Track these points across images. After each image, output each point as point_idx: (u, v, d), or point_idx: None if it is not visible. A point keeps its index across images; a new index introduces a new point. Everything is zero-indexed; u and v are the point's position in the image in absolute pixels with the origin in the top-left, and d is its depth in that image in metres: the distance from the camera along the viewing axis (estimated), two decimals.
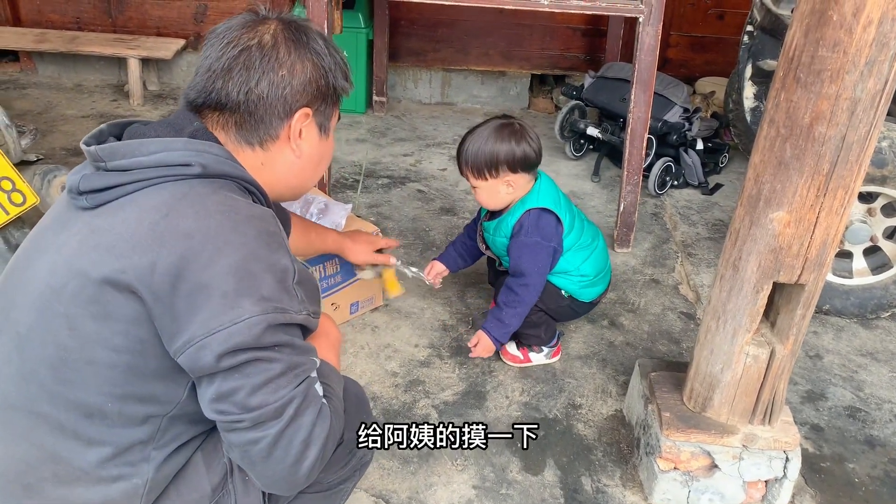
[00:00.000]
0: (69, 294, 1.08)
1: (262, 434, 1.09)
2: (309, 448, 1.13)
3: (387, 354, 2.34)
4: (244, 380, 1.07)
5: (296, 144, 1.26)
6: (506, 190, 2.12)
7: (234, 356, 1.05)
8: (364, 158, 3.60)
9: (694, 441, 1.82)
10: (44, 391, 1.12)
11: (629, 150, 2.77)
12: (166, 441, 1.19)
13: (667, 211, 3.33)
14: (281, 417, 1.09)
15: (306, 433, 1.12)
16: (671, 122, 3.27)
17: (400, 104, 4.33)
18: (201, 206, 1.10)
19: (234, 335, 1.04)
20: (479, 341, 2.20)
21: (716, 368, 1.79)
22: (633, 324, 2.56)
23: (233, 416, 1.08)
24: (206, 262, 1.05)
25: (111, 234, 1.08)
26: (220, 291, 1.05)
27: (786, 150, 1.51)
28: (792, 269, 1.62)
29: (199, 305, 1.04)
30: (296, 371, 1.12)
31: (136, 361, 1.10)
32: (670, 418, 1.84)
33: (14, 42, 4.08)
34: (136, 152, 1.12)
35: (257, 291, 1.07)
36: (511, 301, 2.16)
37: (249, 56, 1.19)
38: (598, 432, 2.10)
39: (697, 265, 2.92)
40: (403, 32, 4.21)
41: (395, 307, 2.56)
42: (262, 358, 1.08)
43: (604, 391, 2.25)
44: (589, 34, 4.21)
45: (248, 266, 1.07)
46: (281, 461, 1.11)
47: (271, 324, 1.08)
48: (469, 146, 2.09)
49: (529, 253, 2.13)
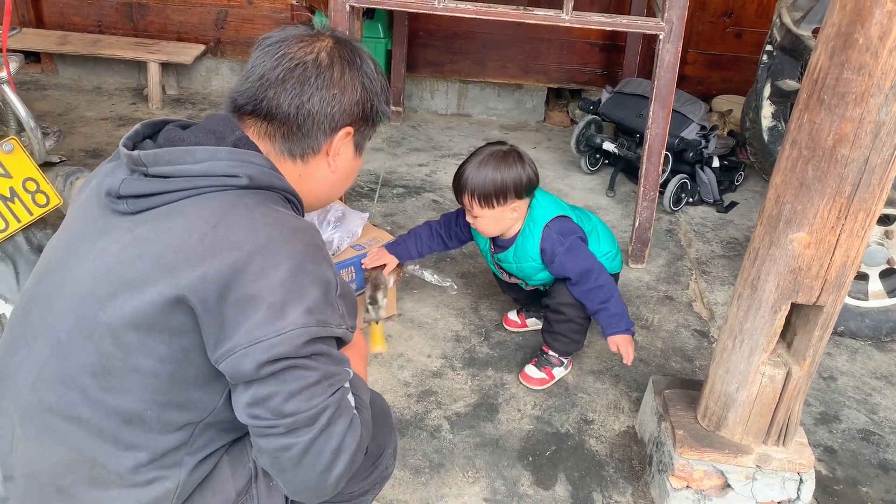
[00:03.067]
0: (114, 304, 1.09)
1: (295, 441, 1.10)
2: (339, 457, 1.14)
3: (399, 364, 2.34)
4: (280, 386, 1.09)
5: (332, 160, 1.29)
6: (510, 216, 2.13)
7: (273, 364, 1.07)
8: (381, 167, 3.61)
9: (707, 460, 1.82)
10: (85, 397, 1.13)
11: (646, 167, 2.77)
12: (199, 447, 1.20)
13: (681, 228, 3.32)
14: (314, 425, 1.11)
15: (337, 442, 1.13)
16: (688, 139, 3.27)
17: (416, 114, 4.35)
18: (249, 218, 1.12)
19: (276, 345, 1.06)
20: (618, 346, 2.14)
21: (731, 387, 1.78)
22: (647, 340, 2.56)
23: (267, 422, 1.10)
24: (256, 274, 1.07)
25: (157, 243, 1.10)
26: (268, 302, 1.07)
27: (808, 172, 1.51)
28: (811, 291, 1.61)
29: (247, 315, 1.07)
30: (330, 380, 1.14)
31: (178, 370, 1.12)
32: (684, 436, 1.84)
33: (37, 44, 4.12)
34: (182, 160, 1.14)
35: (303, 303, 1.09)
36: (602, 297, 2.13)
37: (305, 71, 1.22)
38: (610, 448, 2.10)
39: (711, 283, 2.92)
40: (421, 43, 4.23)
41: (409, 317, 2.56)
42: (299, 366, 1.09)
43: (616, 407, 2.25)
44: (606, 49, 4.22)
45: (295, 278, 1.09)
46: (311, 469, 1.12)
47: (313, 336, 1.10)
48: (473, 176, 2.07)
49: (574, 256, 2.13)
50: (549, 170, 3.74)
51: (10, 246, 1.91)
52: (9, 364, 1.19)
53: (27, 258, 1.91)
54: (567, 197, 3.43)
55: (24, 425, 1.16)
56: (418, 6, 2.68)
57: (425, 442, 2.05)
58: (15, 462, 1.17)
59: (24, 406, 1.16)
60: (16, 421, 1.17)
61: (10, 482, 1.18)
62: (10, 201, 1.88)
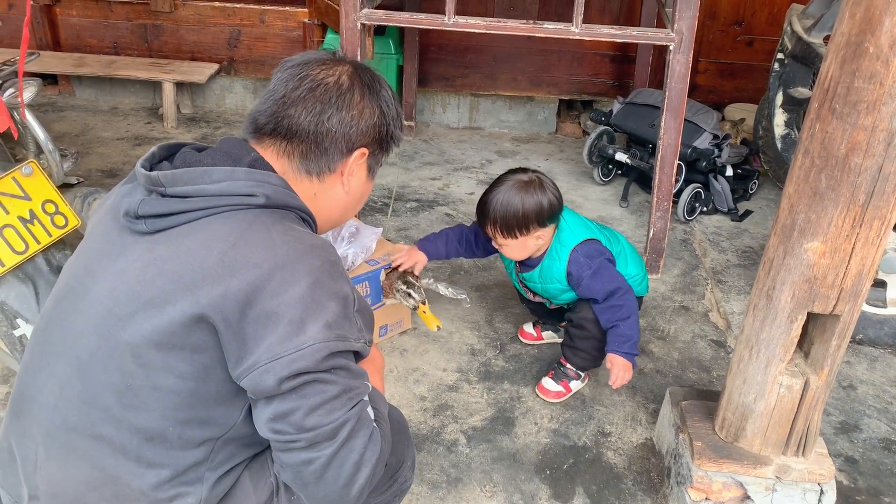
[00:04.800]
0: (134, 322, 1.11)
1: (317, 455, 1.12)
2: (360, 470, 1.15)
3: (415, 378, 2.35)
4: (301, 401, 1.10)
5: (347, 179, 1.32)
6: (535, 243, 2.14)
7: (294, 379, 1.09)
8: (394, 182, 3.63)
9: (726, 471, 1.80)
10: (108, 416, 1.15)
11: (659, 177, 2.77)
12: (219, 462, 1.22)
13: (696, 237, 3.31)
14: (335, 439, 1.12)
15: (358, 455, 1.15)
16: (700, 148, 3.27)
17: (428, 128, 4.37)
18: (267, 235, 1.14)
19: (296, 361, 1.08)
20: (612, 365, 2.12)
21: (748, 398, 1.77)
22: (663, 351, 2.55)
23: (288, 436, 1.11)
24: (276, 291, 1.09)
25: (176, 262, 1.12)
26: (288, 319, 1.08)
27: (821, 181, 1.51)
28: (827, 300, 1.61)
29: (267, 331, 1.08)
30: (350, 394, 1.15)
31: (199, 387, 1.13)
32: (702, 448, 1.83)
33: (55, 66, 4.18)
34: (200, 180, 1.16)
35: (322, 319, 1.11)
36: (619, 315, 2.12)
37: (326, 92, 1.26)
38: (627, 461, 2.09)
39: (727, 292, 2.91)
40: (433, 58, 4.26)
41: (423, 330, 2.57)
42: (319, 380, 1.11)
43: (633, 419, 2.24)
44: (617, 60, 4.23)
45: (314, 294, 1.11)
46: (333, 482, 1.14)
47: (332, 351, 1.11)
48: (495, 206, 2.07)
49: (601, 278, 2.12)
50: (562, 181, 3.74)
51: (30, 267, 1.93)
52: (31, 384, 1.21)
53: (47, 279, 1.93)
54: (580, 208, 3.43)
55: (48, 445, 1.18)
56: (429, 22, 2.70)
57: (442, 456, 2.05)
58: (38, 482, 1.19)
59: (46, 426, 1.18)
60: (39, 441, 1.19)
61: (34, 501, 1.20)
62: (29, 223, 1.91)
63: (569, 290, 2.20)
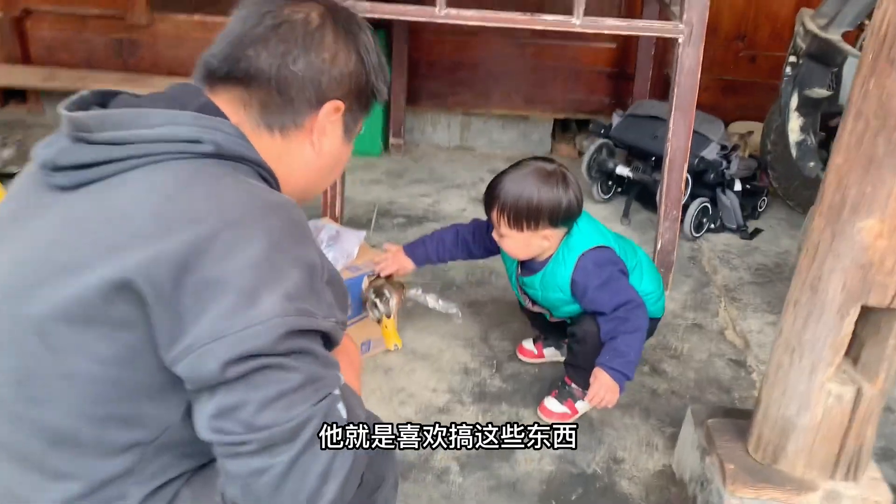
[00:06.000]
0: (42, 293, 0.88)
1: (272, 462, 0.86)
2: (327, 484, 0.89)
3: (401, 399, 2.08)
4: (252, 392, 0.85)
5: (318, 139, 1.09)
6: (540, 243, 1.89)
7: (242, 364, 0.84)
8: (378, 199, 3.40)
9: (766, 499, 1.54)
10: (3, 412, 0.91)
11: (667, 182, 2.55)
12: (149, 475, 0.96)
13: (704, 255, 3.08)
14: (295, 441, 0.87)
15: (325, 464, 0.89)
16: (708, 158, 3.06)
17: (418, 148, 4.16)
18: (215, 188, 0.92)
19: (246, 340, 0.84)
20: (594, 380, 1.82)
21: (790, 411, 1.52)
22: (678, 371, 2.29)
23: (236, 437, 0.86)
24: (222, 254, 0.86)
25: (100, 220, 0.90)
26: (236, 288, 0.85)
27: (878, 146, 1.29)
28: (884, 290, 1.37)
29: (208, 304, 0.85)
30: (315, 385, 0.90)
31: (123, 374, 0.89)
32: (735, 471, 1.57)
33: (23, 80, 3.97)
34: (135, 123, 0.93)
35: (281, 289, 0.87)
36: (623, 328, 1.84)
37: (292, 30, 1.04)
38: (644, 490, 1.82)
39: (743, 310, 2.66)
40: (422, 75, 4.06)
41: (411, 348, 2.31)
42: (275, 366, 0.86)
43: (649, 444, 1.97)
44: (615, 77, 4.05)
45: (271, 259, 0.88)
46: (292, 498, 0.88)
47: (292, 328, 0.87)
48: (507, 191, 1.83)
49: (609, 290, 1.87)
50: None
51: None
52: None
53: None
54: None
55: None
56: (417, 14, 2.51)
57: (431, 486, 1.78)
58: None
59: None
60: None
61: None
62: None
63: (571, 303, 1.95)
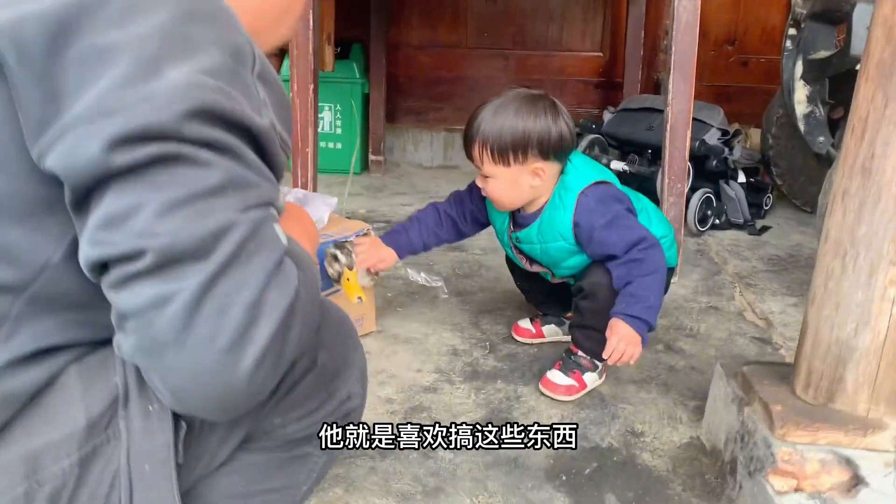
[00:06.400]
0: None
1: (177, 286, 0.61)
2: (257, 322, 0.64)
3: (380, 380, 1.79)
4: (151, 192, 0.62)
5: None
6: (530, 182, 1.63)
7: (136, 147, 0.61)
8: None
9: (824, 443, 1.25)
10: None
11: (669, 152, 2.32)
12: (21, 341, 0.71)
13: (712, 248, 2.84)
14: (210, 255, 0.62)
15: (254, 292, 0.64)
16: (710, 143, 2.85)
17: (399, 168, 3.96)
18: None
19: (140, 114, 0.61)
20: (612, 333, 1.57)
21: (846, 331, 1.25)
22: (696, 348, 2.01)
23: (124, 246, 0.61)
24: (117, 16, 0.64)
25: None
26: (134, 56, 0.63)
27: None
28: None
29: (96, 76, 0.62)
30: (242, 192, 0.66)
31: None
32: (784, 412, 1.28)
33: None
34: None
35: (193, 63, 0.65)
36: (638, 271, 1.58)
37: None
38: (671, 462, 1.52)
39: (761, 294, 2.40)
40: (402, 91, 3.91)
41: (392, 333, 2.02)
42: (184, 157, 0.63)
43: (671, 417, 1.68)
44: (602, 87, 3.90)
45: (183, 30, 0.66)
46: (208, 342, 0.62)
47: (206, 106, 0.63)
48: (488, 121, 1.58)
49: (619, 227, 1.62)
50: None
51: None
52: None
53: None
54: None
55: None
56: None
57: (416, 463, 1.47)
58: None
59: None
60: None
61: None
62: None
63: (576, 253, 1.70)
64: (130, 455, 0.74)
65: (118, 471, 0.74)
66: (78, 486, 0.72)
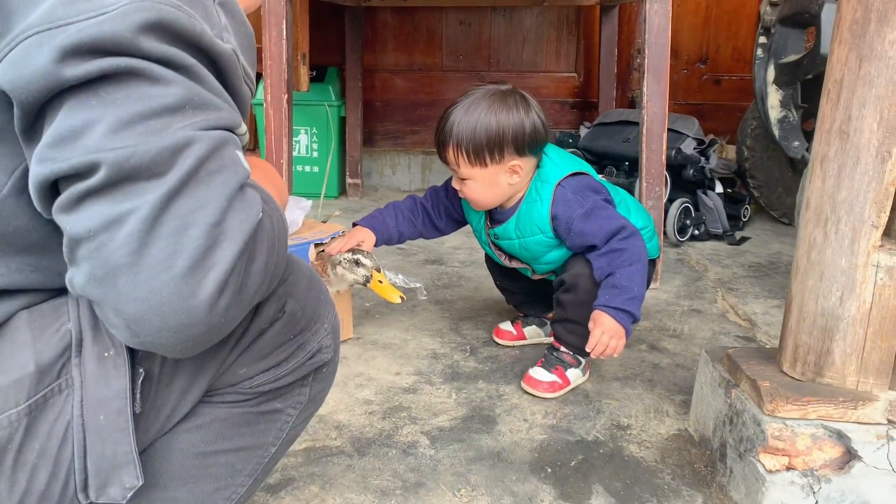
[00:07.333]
0: None
1: (133, 205, 0.58)
2: (218, 244, 0.60)
3: (358, 383, 1.73)
4: (105, 108, 0.58)
5: None
6: (508, 180, 1.62)
7: (88, 59, 0.58)
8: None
9: (814, 416, 1.21)
10: None
11: (647, 155, 2.32)
12: None
13: (692, 257, 2.82)
14: (168, 171, 0.59)
15: (216, 212, 0.60)
16: (686, 152, 2.85)
17: (377, 192, 3.93)
18: None
19: (93, 26, 0.58)
20: (595, 325, 1.53)
21: (831, 300, 1.22)
22: (680, 347, 1.98)
23: (77, 161, 0.58)
24: None
25: None
26: None
27: None
28: None
29: None
30: (203, 111, 0.63)
31: None
32: (772, 388, 1.25)
33: None
34: None
35: None
36: (619, 261, 1.55)
37: None
38: (659, 453, 1.47)
39: (743, 297, 2.38)
40: (379, 114, 3.90)
41: (371, 339, 1.97)
42: (140, 72, 0.60)
43: (658, 410, 1.64)
44: (578, 107, 3.92)
45: None
46: (165, 264, 0.59)
47: (165, 22, 0.61)
48: (461, 122, 1.56)
49: (598, 218, 1.59)
50: None
51: None
52: None
53: None
54: None
55: None
56: None
57: (395, 460, 1.42)
58: None
59: None
60: None
61: None
62: None
63: (555, 247, 1.67)
64: (84, 404, 0.69)
65: (71, 422, 0.68)
66: (27, 437, 0.67)
